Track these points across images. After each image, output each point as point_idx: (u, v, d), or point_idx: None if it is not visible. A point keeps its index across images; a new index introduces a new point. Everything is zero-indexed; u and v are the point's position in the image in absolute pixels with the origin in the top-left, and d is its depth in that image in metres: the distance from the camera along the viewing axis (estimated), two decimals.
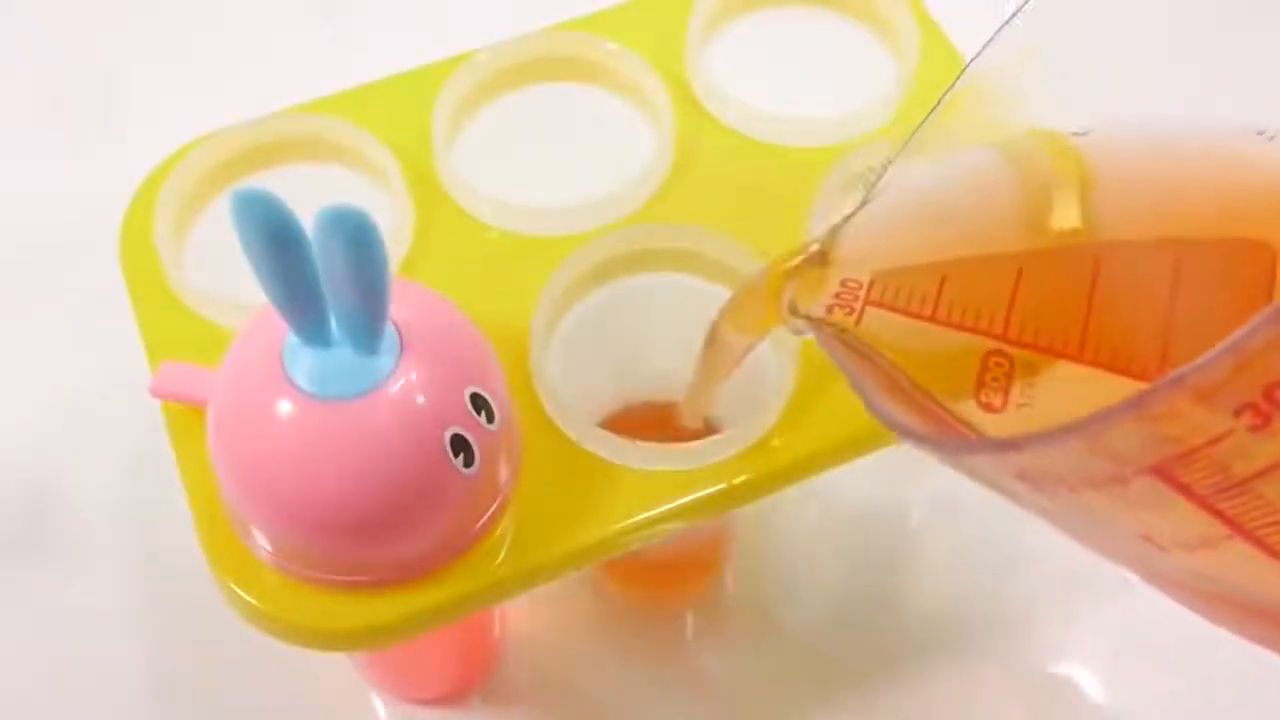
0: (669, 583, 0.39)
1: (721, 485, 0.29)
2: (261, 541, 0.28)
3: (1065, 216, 0.26)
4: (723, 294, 0.29)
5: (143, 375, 0.30)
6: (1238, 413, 0.16)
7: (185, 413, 0.30)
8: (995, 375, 0.24)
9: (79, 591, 0.38)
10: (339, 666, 0.37)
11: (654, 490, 0.29)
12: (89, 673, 0.37)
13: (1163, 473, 0.17)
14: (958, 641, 0.38)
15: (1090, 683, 0.38)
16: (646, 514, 0.29)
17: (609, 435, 0.29)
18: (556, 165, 0.35)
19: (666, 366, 0.33)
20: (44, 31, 0.51)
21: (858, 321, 0.26)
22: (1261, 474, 0.17)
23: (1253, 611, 0.21)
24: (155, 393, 0.30)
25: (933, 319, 0.25)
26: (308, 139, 0.34)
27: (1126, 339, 0.24)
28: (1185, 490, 0.18)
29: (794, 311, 0.27)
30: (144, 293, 0.32)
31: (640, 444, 0.29)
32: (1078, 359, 0.24)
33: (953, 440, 0.23)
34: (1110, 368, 0.24)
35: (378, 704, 0.37)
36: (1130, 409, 0.16)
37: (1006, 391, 0.24)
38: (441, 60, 0.35)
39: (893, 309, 0.26)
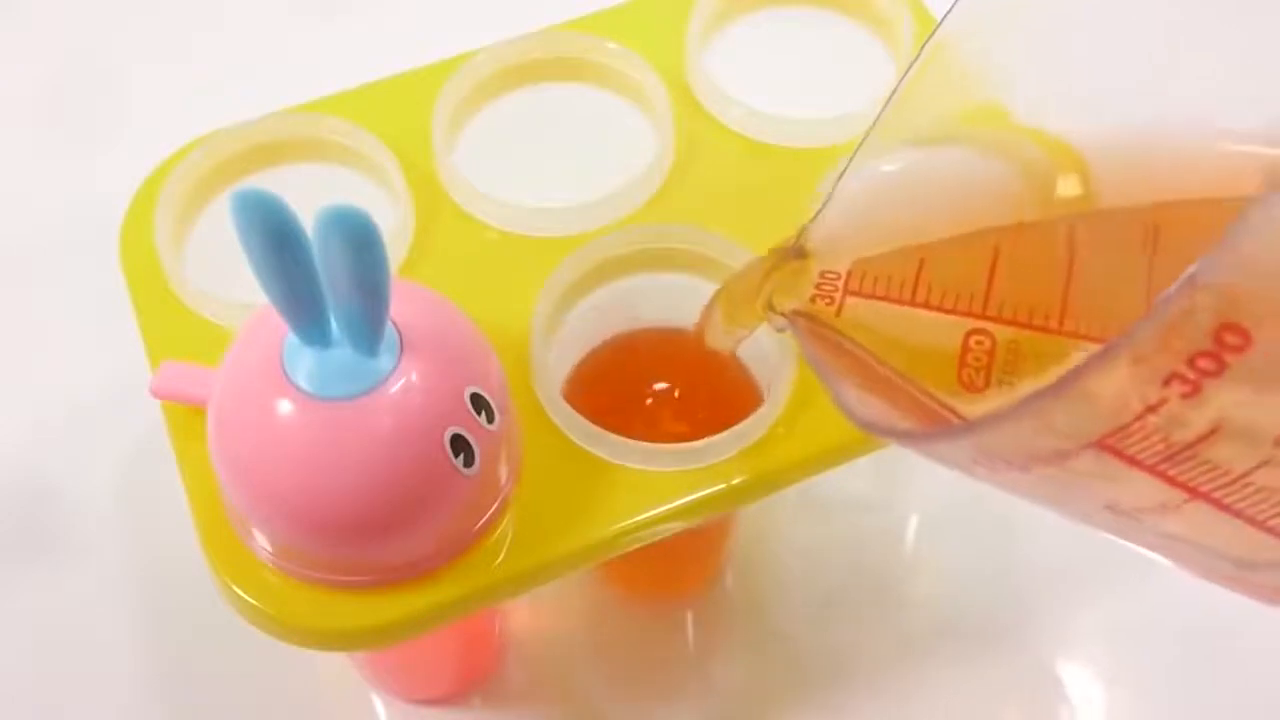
0: (669, 583, 0.39)
1: (721, 485, 0.29)
2: (262, 542, 0.28)
3: (1041, 192, 0.26)
4: None
5: (143, 375, 0.30)
6: (1166, 382, 0.16)
7: (185, 413, 0.30)
8: (977, 355, 0.25)
9: (79, 591, 0.38)
10: (339, 666, 0.37)
11: (654, 490, 0.29)
12: (89, 673, 0.37)
13: (1106, 446, 0.18)
14: (957, 641, 0.38)
15: (1090, 683, 0.38)
16: (646, 514, 0.29)
17: (609, 435, 0.29)
18: (556, 165, 0.35)
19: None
20: (44, 31, 0.51)
21: (839, 312, 0.26)
22: (1203, 439, 0.17)
23: (1236, 578, 0.21)
24: (155, 393, 0.30)
25: (912, 303, 0.26)
26: (308, 139, 0.34)
27: (1107, 308, 0.24)
28: (1133, 461, 0.18)
29: (771, 308, 0.27)
30: (144, 293, 0.32)
31: (640, 444, 0.29)
32: (1058, 332, 0.24)
33: (912, 430, 0.23)
34: (1092, 338, 0.24)
35: (378, 704, 0.37)
36: (1058, 389, 0.16)
37: (989, 370, 0.25)
38: (441, 60, 0.35)
39: (872, 296, 0.26)
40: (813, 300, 0.26)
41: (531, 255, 0.32)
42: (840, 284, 0.26)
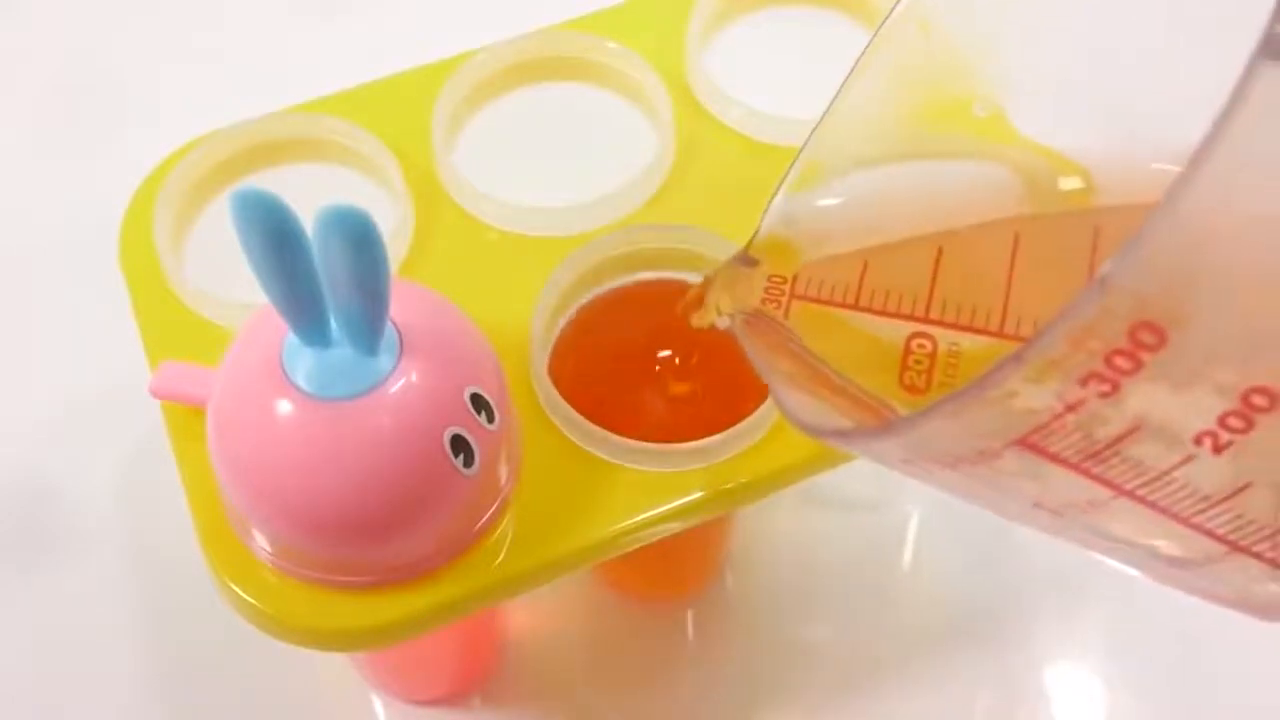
0: (669, 583, 0.39)
1: (721, 485, 0.29)
2: (261, 542, 0.28)
3: (987, 194, 0.26)
4: None
5: (143, 375, 0.30)
6: (1085, 381, 0.16)
7: (185, 413, 0.30)
8: (919, 357, 0.25)
9: (78, 591, 0.38)
10: (339, 666, 0.37)
11: (654, 490, 0.29)
12: (89, 672, 0.37)
13: (1029, 444, 0.18)
14: (956, 641, 0.38)
15: (1090, 683, 0.38)
16: (646, 514, 0.29)
17: (609, 435, 0.29)
18: (556, 165, 0.35)
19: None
20: (44, 31, 0.51)
21: (786, 316, 0.26)
22: (1124, 437, 0.17)
23: (1173, 577, 0.21)
24: (155, 393, 0.30)
25: (856, 306, 0.26)
26: (308, 139, 0.34)
27: (1047, 311, 0.24)
28: (1055, 459, 0.18)
29: (719, 313, 0.27)
30: (144, 293, 0.32)
31: (640, 444, 0.29)
32: (998, 334, 0.24)
33: (844, 430, 0.23)
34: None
35: (378, 704, 0.37)
36: (974, 389, 0.16)
37: (931, 372, 0.25)
38: (441, 60, 0.35)
39: (817, 300, 0.26)
40: (761, 304, 0.27)
41: (531, 255, 0.32)
42: (787, 289, 0.27)
